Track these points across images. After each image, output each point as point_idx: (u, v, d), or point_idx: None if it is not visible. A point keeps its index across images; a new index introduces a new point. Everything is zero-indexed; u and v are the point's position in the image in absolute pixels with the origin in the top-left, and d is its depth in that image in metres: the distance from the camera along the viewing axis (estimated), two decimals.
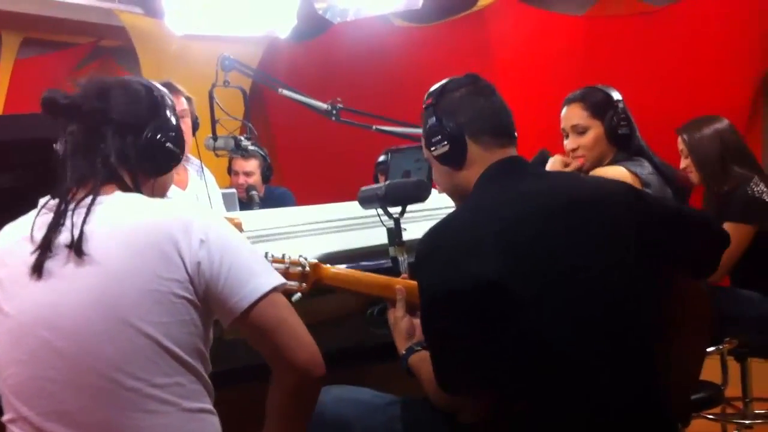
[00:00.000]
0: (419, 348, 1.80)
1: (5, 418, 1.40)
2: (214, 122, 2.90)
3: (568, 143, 2.65)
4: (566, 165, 2.61)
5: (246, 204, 4.05)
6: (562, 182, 1.72)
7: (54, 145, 1.51)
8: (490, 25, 5.76)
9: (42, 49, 7.09)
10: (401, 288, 1.89)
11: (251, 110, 3.23)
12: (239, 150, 2.92)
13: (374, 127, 3.09)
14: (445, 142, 1.71)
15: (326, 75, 5.96)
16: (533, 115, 4.63)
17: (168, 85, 3.03)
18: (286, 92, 3.06)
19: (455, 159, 1.73)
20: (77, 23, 6.55)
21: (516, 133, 1.77)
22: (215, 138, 2.90)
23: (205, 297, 1.41)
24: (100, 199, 1.43)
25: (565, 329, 1.51)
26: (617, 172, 2.46)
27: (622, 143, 2.60)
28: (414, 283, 1.91)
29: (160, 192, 1.61)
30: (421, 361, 1.75)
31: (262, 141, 4.34)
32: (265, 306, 1.42)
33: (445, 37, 6.00)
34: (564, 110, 2.71)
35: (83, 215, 1.40)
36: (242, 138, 2.93)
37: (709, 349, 2.49)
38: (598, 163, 2.60)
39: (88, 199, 1.42)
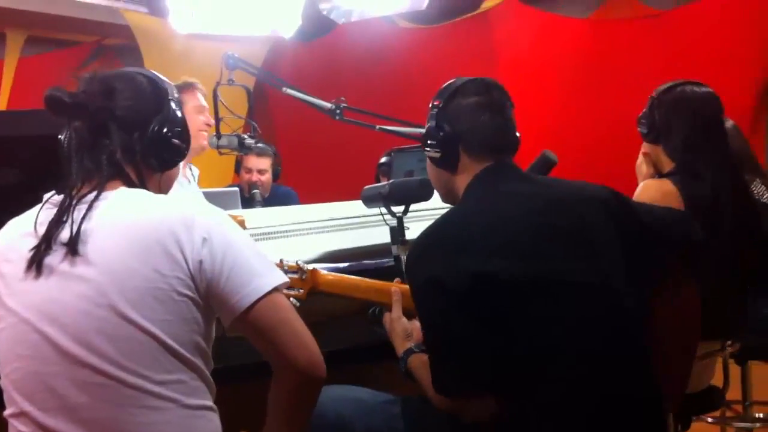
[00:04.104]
0: (417, 350, 1.81)
1: (7, 412, 1.40)
2: (218, 120, 2.90)
3: None
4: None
5: (248, 202, 4.05)
6: (546, 185, 1.75)
7: (59, 136, 1.50)
8: (494, 27, 5.77)
9: (46, 47, 7.11)
10: (396, 290, 1.91)
11: (254, 109, 3.23)
12: (243, 148, 2.92)
13: (377, 126, 3.09)
14: (438, 149, 1.75)
15: (330, 75, 5.97)
16: (536, 117, 4.64)
17: (185, 84, 3.05)
18: (290, 91, 3.05)
19: (446, 165, 1.77)
20: (81, 21, 6.57)
21: (516, 148, 1.79)
22: (219, 136, 2.90)
23: (207, 295, 1.41)
24: (105, 195, 1.43)
25: (552, 324, 1.53)
26: (664, 186, 2.33)
27: (671, 153, 2.44)
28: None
29: (165, 187, 1.61)
30: (421, 363, 1.76)
31: (265, 140, 4.34)
32: (266, 305, 1.42)
33: (450, 39, 6.00)
34: None
35: (84, 213, 1.40)
36: (246, 136, 2.93)
37: (710, 352, 2.49)
38: (657, 167, 2.50)
39: (91, 196, 1.42)
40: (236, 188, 3.88)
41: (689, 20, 5.04)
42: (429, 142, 1.76)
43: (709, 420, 3.11)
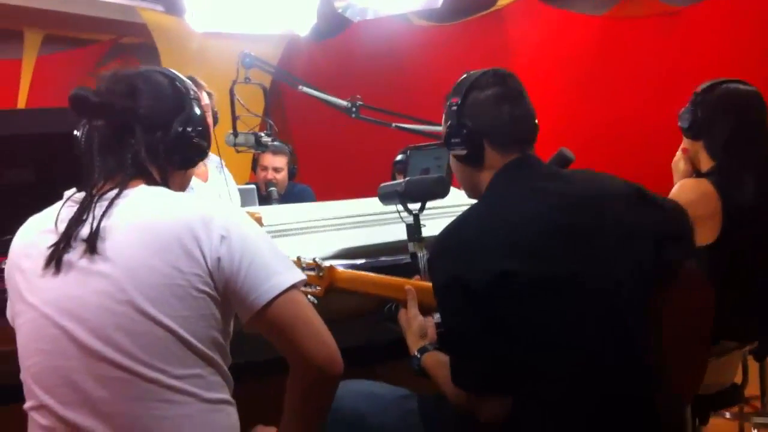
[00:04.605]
0: (432, 348, 1.82)
1: (27, 405, 1.42)
2: (234, 119, 2.92)
3: None
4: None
5: (264, 200, 4.07)
6: (568, 181, 1.74)
7: (75, 132, 1.51)
8: (509, 25, 5.76)
9: (63, 46, 7.15)
10: (411, 288, 1.91)
11: (270, 107, 3.25)
12: (259, 146, 2.93)
13: (393, 124, 3.10)
14: (463, 147, 1.74)
15: (345, 73, 5.98)
16: (551, 114, 4.62)
17: (190, 80, 3.06)
18: (306, 89, 3.07)
19: (472, 161, 1.76)
20: (99, 20, 6.60)
21: (536, 136, 1.79)
22: (236, 134, 2.91)
23: (225, 292, 1.42)
24: (125, 192, 1.44)
25: (574, 322, 1.53)
26: (701, 185, 2.33)
27: (710, 152, 2.42)
28: (426, 284, 1.92)
29: (186, 184, 1.63)
30: (436, 360, 1.77)
31: (280, 138, 4.36)
32: (284, 303, 1.43)
33: (464, 37, 6.00)
34: None
35: (104, 209, 1.41)
36: (262, 134, 2.95)
37: (729, 348, 2.48)
38: (695, 165, 2.48)
39: (112, 193, 1.43)
40: (253, 186, 3.90)
41: (706, 17, 5.00)
42: (453, 140, 1.76)
43: (728, 415, 3.10)
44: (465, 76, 1.80)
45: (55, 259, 1.39)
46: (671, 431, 1.66)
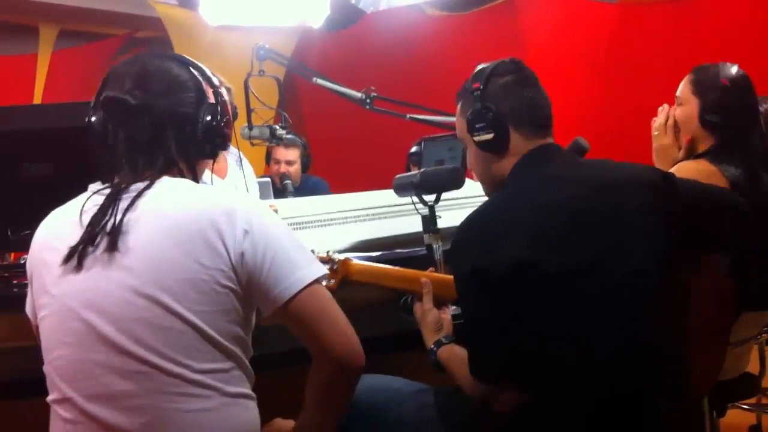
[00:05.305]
0: (447, 341, 1.82)
1: (50, 398, 1.43)
2: (249, 111, 2.92)
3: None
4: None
5: (280, 192, 4.08)
6: (592, 168, 1.73)
7: (90, 119, 1.51)
8: (522, 14, 5.73)
9: (78, 41, 7.18)
10: (427, 281, 1.90)
11: (284, 100, 3.25)
12: (274, 139, 2.94)
13: (408, 116, 3.10)
14: (490, 130, 1.72)
15: (359, 64, 5.97)
16: (565, 103, 4.60)
17: None
18: (320, 81, 3.07)
19: (497, 147, 1.73)
20: (113, 14, 6.63)
21: (553, 122, 1.78)
22: (251, 127, 2.92)
23: (248, 286, 1.43)
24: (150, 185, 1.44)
25: (595, 312, 1.52)
26: (699, 167, 2.33)
27: (714, 132, 2.43)
28: (442, 276, 1.93)
29: (208, 172, 1.64)
30: (452, 353, 1.77)
31: (294, 130, 4.37)
32: (306, 297, 1.43)
33: (478, 26, 5.97)
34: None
35: (128, 203, 1.41)
36: (277, 127, 2.95)
37: (746, 339, 2.47)
38: (691, 145, 2.49)
39: (140, 185, 1.43)
40: (268, 179, 3.91)
41: (720, 3, 4.96)
42: (477, 125, 1.73)
43: (745, 407, 3.09)
44: (483, 65, 1.79)
45: (79, 252, 1.40)
46: (685, 426, 1.65)
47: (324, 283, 1.82)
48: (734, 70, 2.46)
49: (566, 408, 1.54)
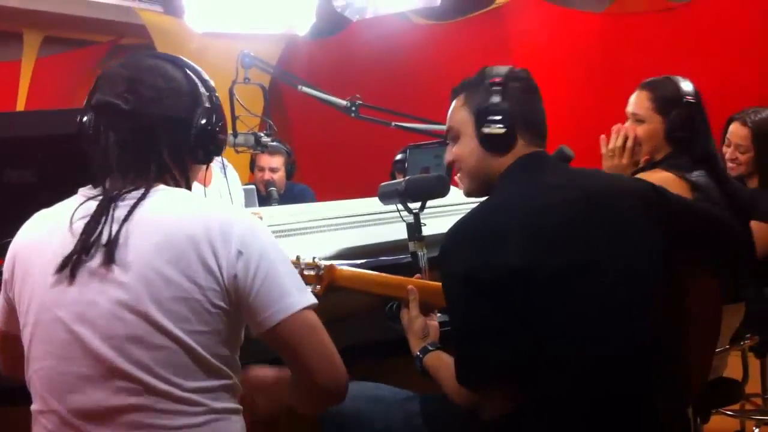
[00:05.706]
0: (433, 348, 1.81)
1: (34, 407, 1.41)
2: (234, 119, 2.92)
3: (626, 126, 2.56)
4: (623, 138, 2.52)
5: (265, 200, 4.07)
6: (583, 177, 1.73)
7: (82, 119, 1.47)
8: (508, 22, 5.75)
9: (62, 48, 7.16)
10: (413, 288, 1.89)
11: (269, 107, 3.25)
12: (259, 146, 2.93)
13: (393, 123, 3.10)
14: (502, 125, 1.70)
15: (344, 72, 5.98)
16: (551, 112, 4.60)
17: None
18: (305, 89, 3.07)
19: (500, 144, 1.72)
20: (98, 21, 6.62)
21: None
22: (236, 135, 2.91)
23: (238, 306, 1.40)
24: (146, 194, 1.41)
25: (591, 312, 1.53)
26: (662, 176, 2.34)
27: (680, 146, 2.44)
28: (428, 282, 1.92)
29: (202, 176, 1.61)
30: (439, 360, 1.76)
31: (280, 138, 4.36)
32: (294, 324, 1.41)
33: (464, 35, 5.99)
34: (634, 94, 2.61)
35: (125, 213, 1.37)
36: (262, 134, 2.95)
37: (729, 346, 2.48)
38: (651, 157, 2.50)
39: (135, 194, 1.40)
40: (253, 186, 3.90)
41: (705, 13, 4.99)
42: (490, 117, 1.71)
43: (729, 413, 3.11)
44: (492, 67, 1.79)
45: (72, 263, 1.36)
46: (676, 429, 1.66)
47: (309, 288, 1.81)
48: (690, 84, 2.49)
49: (562, 409, 1.54)
